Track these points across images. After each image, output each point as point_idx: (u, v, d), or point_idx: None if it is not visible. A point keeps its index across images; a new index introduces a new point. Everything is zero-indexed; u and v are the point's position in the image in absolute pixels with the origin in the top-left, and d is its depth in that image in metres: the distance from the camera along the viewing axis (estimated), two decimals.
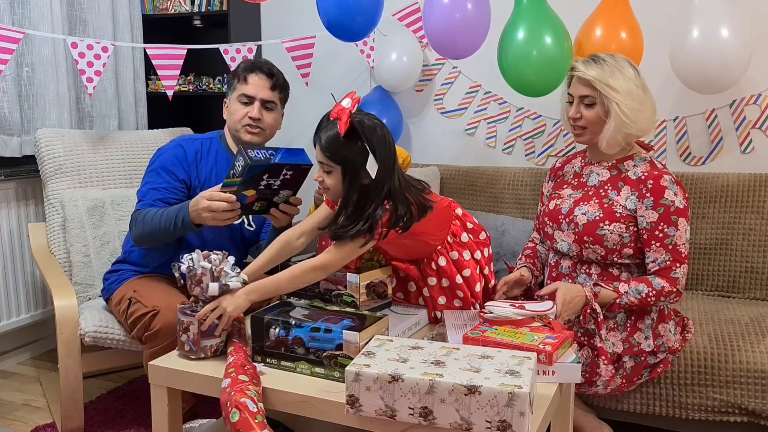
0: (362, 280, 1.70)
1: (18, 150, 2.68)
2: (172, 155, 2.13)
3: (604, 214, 1.89)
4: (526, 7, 2.24)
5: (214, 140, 2.23)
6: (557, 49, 2.20)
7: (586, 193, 1.96)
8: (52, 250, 2.46)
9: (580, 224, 1.91)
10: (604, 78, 1.85)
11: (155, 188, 2.08)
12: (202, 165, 2.16)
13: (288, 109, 2.31)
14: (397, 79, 2.92)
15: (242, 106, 2.13)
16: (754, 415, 1.91)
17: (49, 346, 2.90)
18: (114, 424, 2.28)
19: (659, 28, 2.42)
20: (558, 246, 1.99)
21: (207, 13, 3.26)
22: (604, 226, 1.88)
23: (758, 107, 2.56)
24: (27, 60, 2.70)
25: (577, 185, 2.01)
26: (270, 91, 2.15)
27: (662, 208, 1.84)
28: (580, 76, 1.89)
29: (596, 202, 1.92)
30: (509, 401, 1.20)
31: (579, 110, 1.92)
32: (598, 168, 1.99)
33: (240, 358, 1.49)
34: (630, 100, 1.84)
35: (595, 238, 1.89)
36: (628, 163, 1.94)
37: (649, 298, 1.82)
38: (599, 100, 1.88)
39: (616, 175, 1.94)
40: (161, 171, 2.10)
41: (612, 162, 1.97)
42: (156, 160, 2.15)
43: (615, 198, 1.91)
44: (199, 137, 2.23)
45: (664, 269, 1.84)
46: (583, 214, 1.91)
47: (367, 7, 2.35)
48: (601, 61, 1.88)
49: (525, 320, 1.61)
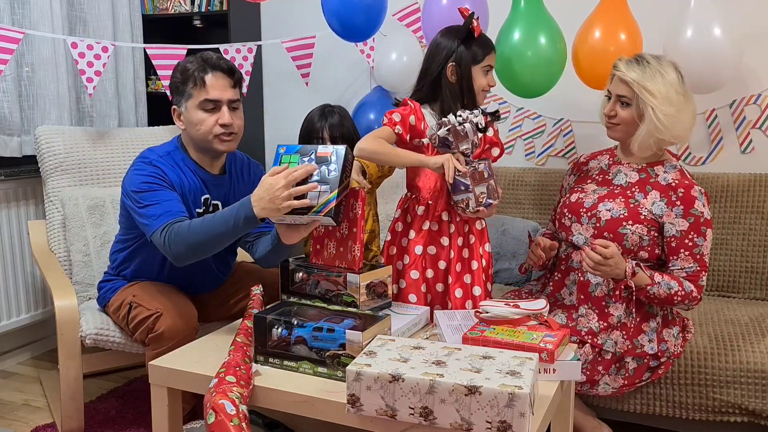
0: (362, 280, 1.70)
1: (18, 150, 2.67)
2: (151, 174, 1.89)
3: (629, 213, 1.89)
4: (522, 8, 2.25)
5: (174, 152, 1.99)
6: (552, 50, 2.21)
7: (611, 191, 1.96)
8: (52, 248, 2.46)
9: (603, 219, 1.91)
10: (643, 81, 1.84)
11: (170, 200, 1.86)
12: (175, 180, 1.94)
13: (288, 109, 2.31)
14: (397, 79, 2.92)
15: (207, 114, 1.89)
16: (754, 415, 1.91)
17: (49, 346, 2.90)
18: (114, 424, 2.28)
19: (653, 26, 2.41)
20: (574, 239, 1.98)
21: (207, 13, 3.26)
22: (627, 225, 1.88)
23: (758, 107, 2.56)
24: (27, 60, 2.70)
25: (602, 182, 2.01)
26: (232, 89, 1.93)
27: (692, 218, 1.85)
28: (620, 77, 1.88)
29: (622, 200, 1.92)
30: (509, 402, 1.20)
31: (615, 108, 1.92)
32: (626, 169, 1.99)
33: (236, 359, 1.49)
34: (667, 105, 1.83)
35: (615, 236, 1.89)
36: (659, 168, 1.94)
37: (676, 297, 1.83)
38: (635, 102, 1.87)
39: (645, 179, 1.94)
40: (159, 187, 1.88)
41: (642, 165, 1.97)
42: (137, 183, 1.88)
43: (641, 200, 1.91)
44: (159, 154, 1.97)
45: (693, 276, 1.86)
46: (607, 210, 1.91)
47: (373, 7, 2.35)
48: (644, 63, 1.87)
49: (522, 319, 1.62)
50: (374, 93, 3.07)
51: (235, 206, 1.71)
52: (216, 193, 2.03)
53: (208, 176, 2.02)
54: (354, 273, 1.70)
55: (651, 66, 1.86)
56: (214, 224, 1.73)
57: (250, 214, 1.66)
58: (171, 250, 1.78)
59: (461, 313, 1.79)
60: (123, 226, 2.09)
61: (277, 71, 3.10)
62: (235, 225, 1.70)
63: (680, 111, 1.85)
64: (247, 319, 1.68)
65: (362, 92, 3.17)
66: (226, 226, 1.71)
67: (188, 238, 1.75)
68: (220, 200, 2.05)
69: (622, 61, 1.91)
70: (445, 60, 1.85)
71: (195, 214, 1.98)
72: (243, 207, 1.68)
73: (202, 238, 1.74)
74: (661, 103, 1.82)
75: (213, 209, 2.02)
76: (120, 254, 2.12)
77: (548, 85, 2.29)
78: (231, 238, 1.76)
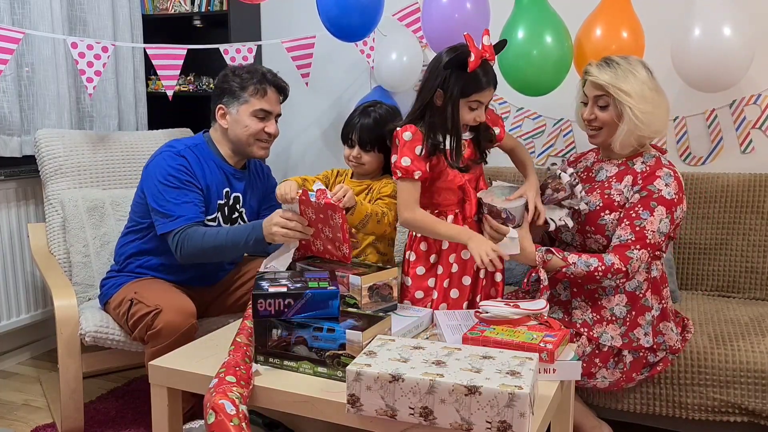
0: (364, 282, 1.70)
1: (18, 150, 2.68)
2: (178, 165, 2.04)
3: (604, 203, 1.92)
4: (526, 6, 2.24)
5: (201, 146, 2.15)
6: (558, 48, 2.20)
7: (592, 187, 1.98)
8: (51, 250, 2.46)
9: (583, 214, 1.92)
10: (617, 82, 1.85)
11: (189, 202, 2.01)
12: (201, 175, 2.11)
13: (287, 108, 2.31)
14: (397, 79, 2.92)
15: (258, 121, 2.11)
16: (754, 415, 1.91)
17: (49, 346, 2.90)
18: (114, 424, 2.28)
19: (660, 26, 2.42)
20: (562, 236, 2.02)
21: (207, 13, 3.26)
22: (605, 216, 1.90)
23: (758, 107, 2.56)
24: (27, 60, 2.70)
25: (586, 179, 2.03)
26: (280, 105, 2.18)
27: (646, 192, 1.87)
28: (593, 81, 1.90)
29: (598, 193, 1.94)
30: (509, 402, 1.20)
31: (593, 112, 1.93)
32: (608, 165, 2.00)
33: (236, 359, 1.49)
34: (643, 103, 1.85)
35: (596, 228, 1.91)
36: (637, 159, 1.96)
37: (596, 273, 1.83)
38: (612, 103, 1.88)
39: (624, 171, 1.96)
40: (181, 184, 2.02)
41: (622, 160, 1.99)
42: (164, 173, 2.03)
43: (616, 187, 1.92)
44: (186, 144, 2.13)
45: (622, 246, 1.85)
46: (585, 204, 1.92)
47: (367, 6, 2.35)
48: (614, 65, 1.88)
49: (522, 319, 1.62)
50: (374, 93, 3.07)
51: (249, 226, 1.94)
52: (237, 186, 2.20)
53: (231, 170, 2.19)
54: (357, 275, 1.71)
55: (621, 66, 1.88)
56: (227, 238, 1.94)
57: (260, 236, 1.88)
58: (180, 252, 1.98)
59: (461, 313, 1.79)
60: (137, 214, 2.16)
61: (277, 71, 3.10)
62: (245, 243, 1.92)
63: (656, 107, 1.87)
64: (247, 319, 1.68)
65: (362, 92, 3.17)
66: (237, 242, 1.93)
67: (200, 245, 1.95)
68: (240, 192, 2.21)
69: (592, 65, 1.92)
70: (436, 84, 1.79)
71: (216, 205, 2.14)
72: (255, 229, 1.90)
73: (212, 249, 1.95)
74: (637, 102, 1.84)
75: (233, 202, 2.19)
76: (131, 245, 2.17)
77: (554, 84, 2.29)
78: (238, 253, 1.93)
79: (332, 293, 1.51)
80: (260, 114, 2.11)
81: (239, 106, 2.11)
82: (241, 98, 2.10)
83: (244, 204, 2.22)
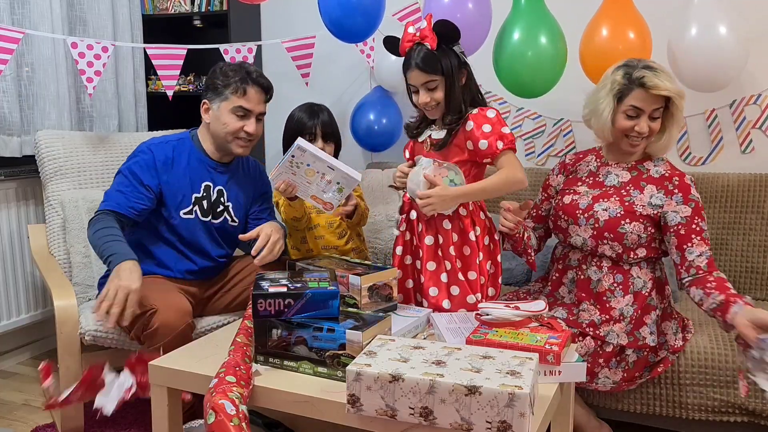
0: (364, 282, 1.70)
1: (18, 150, 2.67)
2: (141, 160, 2.10)
3: (625, 211, 1.90)
4: (523, 8, 2.24)
5: (185, 141, 2.19)
6: (552, 49, 2.21)
7: (604, 192, 1.96)
8: (52, 251, 2.46)
9: (601, 220, 1.91)
10: (677, 89, 1.84)
11: (121, 191, 2.06)
12: (174, 169, 2.13)
13: (287, 108, 2.31)
14: (397, 79, 2.90)
15: (237, 119, 2.10)
16: (754, 415, 1.91)
17: (49, 346, 2.90)
18: (114, 424, 2.28)
19: (657, 25, 2.42)
20: (572, 240, 1.99)
21: (207, 13, 3.26)
22: (625, 224, 1.89)
23: (758, 107, 2.56)
24: (27, 60, 2.70)
25: (594, 184, 2.00)
26: (264, 104, 2.16)
27: (693, 203, 1.88)
28: (657, 93, 1.82)
29: (617, 199, 1.92)
30: (509, 402, 1.20)
31: (648, 124, 1.87)
32: (616, 169, 1.99)
33: (236, 359, 1.49)
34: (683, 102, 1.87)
35: (615, 235, 1.89)
36: (648, 163, 1.95)
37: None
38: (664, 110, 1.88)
39: (637, 176, 1.94)
40: (128, 174, 2.08)
41: (631, 164, 1.97)
42: (127, 162, 2.13)
43: (637, 197, 1.91)
44: (170, 139, 2.19)
45: (711, 259, 1.85)
46: (604, 210, 1.91)
47: (369, 8, 2.35)
48: (662, 72, 1.84)
49: (523, 321, 1.62)
50: (374, 93, 3.08)
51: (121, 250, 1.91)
52: (219, 180, 2.20)
53: (212, 163, 2.19)
54: (356, 275, 1.71)
55: (664, 71, 1.86)
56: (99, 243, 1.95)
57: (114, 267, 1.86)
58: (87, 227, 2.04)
59: (459, 316, 1.79)
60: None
61: (277, 71, 3.10)
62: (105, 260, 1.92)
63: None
64: (247, 319, 1.68)
65: (362, 92, 3.17)
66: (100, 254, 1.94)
67: (90, 234, 2.00)
68: (222, 185, 2.20)
69: (645, 75, 1.82)
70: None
71: (192, 198, 2.15)
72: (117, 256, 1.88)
73: (92, 244, 1.99)
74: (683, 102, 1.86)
75: (217, 195, 2.19)
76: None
77: (548, 86, 2.29)
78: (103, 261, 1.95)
79: (332, 293, 1.52)
80: (239, 112, 2.09)
81: (220, 103, 2.11)
82: (222, 95, 2.11)
83: (230, 198, 2.21)
